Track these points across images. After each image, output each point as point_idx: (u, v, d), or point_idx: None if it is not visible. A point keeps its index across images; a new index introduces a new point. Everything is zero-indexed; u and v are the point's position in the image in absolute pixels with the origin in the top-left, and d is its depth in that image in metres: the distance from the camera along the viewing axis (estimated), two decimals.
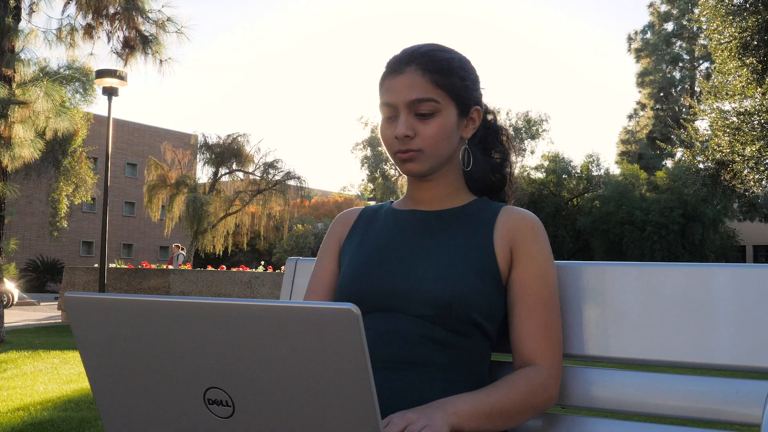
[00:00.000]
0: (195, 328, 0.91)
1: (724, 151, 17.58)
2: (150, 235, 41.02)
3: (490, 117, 1.61)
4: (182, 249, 22.19)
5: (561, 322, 1.42)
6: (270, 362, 0.88)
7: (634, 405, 1.39)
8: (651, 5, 43.04)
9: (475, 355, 1.38)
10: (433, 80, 1.43)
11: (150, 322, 0.94)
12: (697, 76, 40.58)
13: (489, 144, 1.60)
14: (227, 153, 27.11)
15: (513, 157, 1.63)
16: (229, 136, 27.20)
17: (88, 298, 0.97)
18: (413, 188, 1.57)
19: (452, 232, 1.46)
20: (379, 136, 1.53)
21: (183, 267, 16.31)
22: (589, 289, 1.49)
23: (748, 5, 15.39)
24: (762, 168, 17.53)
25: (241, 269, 16.31)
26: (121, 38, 11.14)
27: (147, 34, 11.14)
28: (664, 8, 42.53)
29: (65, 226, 20.70)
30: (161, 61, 11.51)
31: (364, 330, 0.82)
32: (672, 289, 1.41)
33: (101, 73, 13.00)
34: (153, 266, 15.83)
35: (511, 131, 1.65)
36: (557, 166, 35.24)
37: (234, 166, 27.79)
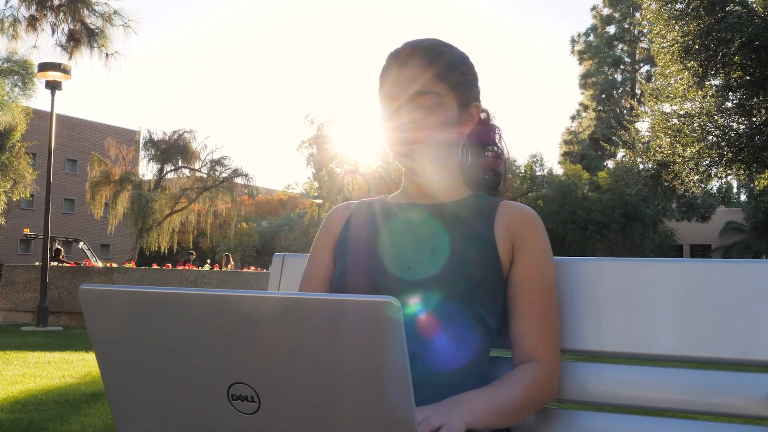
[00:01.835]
0: (220, 321, 0.88)
1: (666, 152, 17.99)
2: (91, 232, 40.17)
3: (483, 115, 1.61)
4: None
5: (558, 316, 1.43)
6: (302, 355, 0.86)
7: (629, 399, 1.41)
8: (594, 8, 43.86)
9: (478, 349, 1.38)
10: (436, 74, 1.43)
11: (171, 315, 0.91)
12: (638, 78, 41.47)
13: (484, 141, 1.60)
14: (173, 149, 26.73)
15: (506, 156, 1.63)
16: (175, 132, 26.84)
17: (104, 290, 0.93)
18: (411, 181, 1.56)
19: (454, 226, 1.46)
20: (381, 127, 1.51)
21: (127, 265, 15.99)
22: (584, 284, 1.50)
23: (689, 10, 15.75)
24: (701, 169, 17.98)
25: (187, 268, 16.08)
26: (66, 31, 10.86)
27: (93, 27, 10.90)
28: (606, 11, 43.38)
29: (2, 222, 20.14)
30: (107, 54, 11.29)
31: (403, 322, 0.81)
32: (665, 284, 1.43)
33: (44, 67, 12.66)
34: (96, 264, 15.50)
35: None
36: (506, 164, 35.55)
37: (180, 163, 27.42)
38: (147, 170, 28.29)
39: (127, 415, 1.00)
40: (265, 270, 19.13)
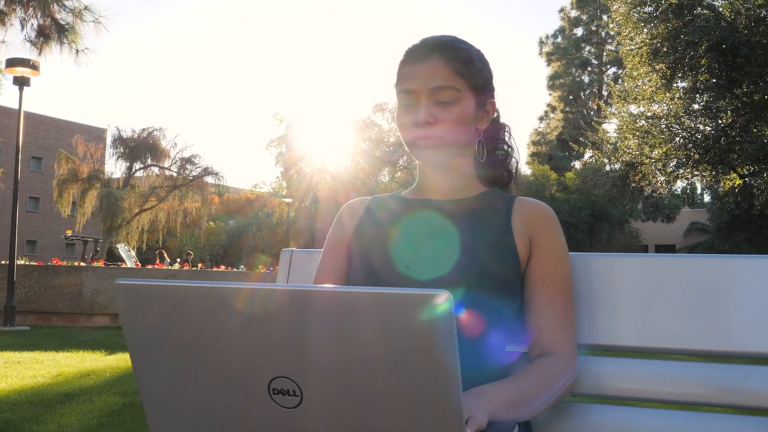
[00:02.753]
0: (262, 315, 0.87)
1: (633, 153, 18.21)
2: (56, 231, 39.59)
3: (494, 114, 1.61)
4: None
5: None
6: (347, 349, 0.85)
7: (643, 392, 1.42)
8: (562, 10, 44.24)
9: (496, 343, 1.38)
10: (455, 69, 1.43)
11: (210, 310, 0.90)
12: (605, 80, 41.96)
13: (496, 139, 1.61)
14: (142, 147, 26.42)
15: (516, 154, 1.64)
16: (144, 130, 26.56)
17: (140, 285, 0.92)
18: (427, 177, 1.56)
19: (472, 222, 1.46)
20: (398, 121, 1.51)
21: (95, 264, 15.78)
22: (598, 279, 1.52)
23: (658, 13, 15.97)
24: (669, 170, 18.24)
25: (156, 266, 15.93)
26: (35, 26, 10.68)
27: (63, 22, 10.73)
28: (574, 13, 43.78)
29: None
30: (78, 51, 11.10)
31: (455, 316, 0.81)
32: (678, 280, 1.45)
33: (13, 62, 12.41)
34: (63, 263, 15.27)
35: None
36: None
37: (149, 161, 27.12)
38: (115, 168, 27.94)
39: (161, 411, 0.99)
40: (235, 269, 19.03)
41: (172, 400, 0.98)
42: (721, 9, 15.84)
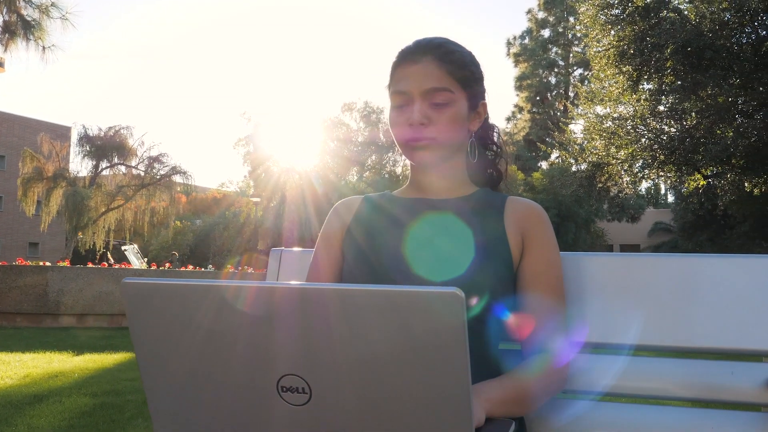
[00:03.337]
0: (270, 313, 0.88)
1: (600, 153, 18.41)
2: (18, 231, 38.94)
3: (486, 115, 1.63)
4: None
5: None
6: (357, 346, 0.86)
7: (633, 389, 1.45)
8: (529, 12, 44.60)
9: (489, 341, 1.40)
10: (449, 71, 1.45)
11: (217, 308, 0.90)
12: (572, 81, 42.35)
13: (486, 140, 1.63)
14: (109, 146, 26.09)
15: (505, 155, 1.66)
16: (110, 128, 26.20)
17: (147, 284, 0.92)
18: (419, 177, 1.57)
19: (465, 221, 1.48)
20: (389, 122, 1.52)
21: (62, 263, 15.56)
22: (588, 278, 1.54)
23: (625, 15, 16.16)
24: (635, 170, 18.47)
25: (123, 266, 15.76)
26: (1, 22, 10.50)
27: (29, 18, 10.56)
28: (541, 15, 44.14)
29: None
30: (44, 47, 10.93)
31: (466, 313, 0.82)
32: (666, 278, 1.49)
33: None
34: (28, 263, 15.04)
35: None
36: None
37: (116, 160, 26.80)
38: (81, 167, 27.52)
39: (167, 411, 0.99)
40: (203, 269, 18.89)
41: (178, 399, 0.98)
42: (686, 12, 16.07)
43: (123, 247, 20.56)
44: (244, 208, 40.33)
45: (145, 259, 20.16)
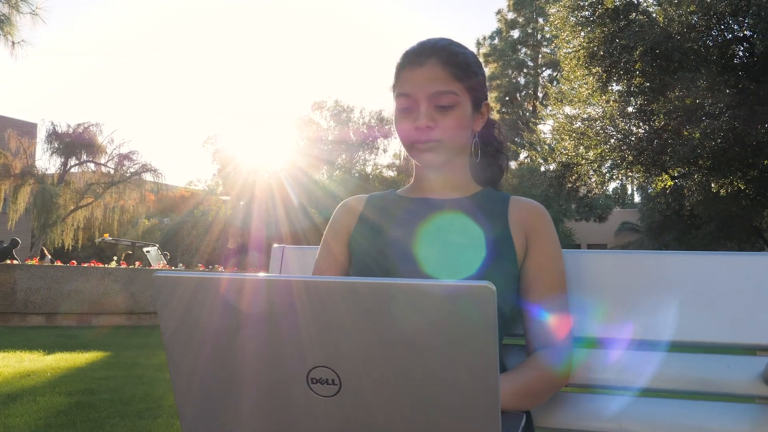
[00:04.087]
0: (302, 307, 0.89)
1: (570, 154, 18.58)
2: None
3: (488, 114, 1.66)
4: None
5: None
6: (388, 339, 0.88)
7: (632, 382, 1.50)
8: (499, 12, 44.85)
9: None
10: (453, 74, 1.48)
11: (248, 301, 0.91)
12: (541, 82, 42.67)
13: (488, 137, 1.66)
14: (78, 143, 25.76)
15: (506, 150, 1.70)
16: (79, 125, 25.89)
17: (179, 277, 0.93)
18: (424, 177, 1.60)
19: (471, 220, 1.51)
20: (396, 123, 1.54)
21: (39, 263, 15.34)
22: (588, 274, 1.58)
23: (595, 17, 16.34)
24: (604, 171, 18.68)
25: (92, 265, 15.55)
26: None
27: None
28: (511, 16, 44.40)
29: None
30: (13, 43, 10.79)
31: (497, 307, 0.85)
32: (665, 275, 1.54)
33: None
34: None
35: (503, 126, 1.72)
36: (408, 164, 35.98)
37: (85, 157, 26.46)
38: (50, 164, 27.12)
39: (194, 404, 1.00)
40: (173, 267, 18.71)
41: (206, 391, 0.99)
42: (655, 15, 16.29)
43: (145, 249, 20.42)
44: (213, 206, 40.05)
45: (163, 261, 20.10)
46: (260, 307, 0.92)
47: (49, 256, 20.54)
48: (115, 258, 18.20)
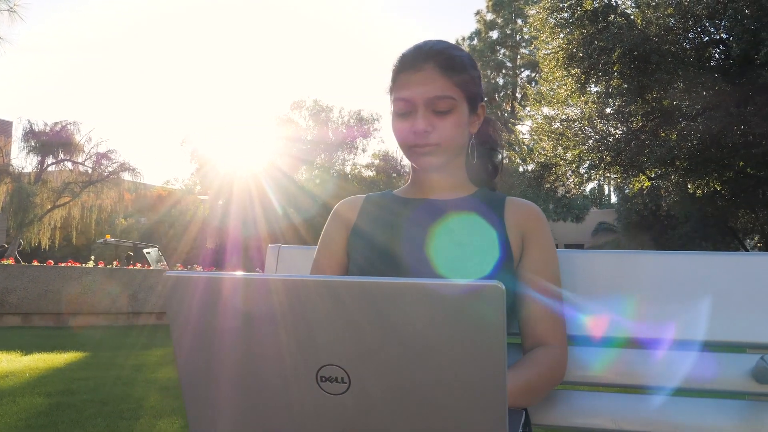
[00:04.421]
0: (312, 306, 0.90)
1: (548, 154, 18.69)
2: None
3: (484, 116, 1.68)
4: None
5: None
6: (397, 337, 0.89)
7: (624, 379, 1.52)
8: (478, 13, 44.97)
9: None
10: (450, 78, 1.49)
11: (258, 301, 0.92)
12: (519, 82, 42.87)
13: (483, 136, 1.67)
14: (55, 141, 25.51)
15: (501, 148, 1.71)
16: (57, 123, 25.62)
17: (189, 277, 0.93)
18: (422, 178, 1.61)
19: (468, 221, 1.53)
20: (393, 127, 1.55)
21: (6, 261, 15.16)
22: (580, 274, 1.61)
23: (574, 19, 16.45)
24: (582, 171, 18.81)
25: (69, 264, 15.41)
26: None
27: None
28: (490, 17, 44.53)
29: None
30: None
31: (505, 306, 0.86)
32: (655, 274, 1.56)
33: None
34: None
35: (498, 123, 1.74)
36: (387, 164, 36.08)
37: (62, 156, 26.21)
38: (26, 163, 26.80)
39: (201, 402, 1.01)
40: (151, 267, 18.60)
41: (215, 390, 1.00)
42: (633, 17, 16.43)
43: (146, 250, 20.35)
44: (191, 206, 39.83)
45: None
46: (271, 306, 0.92)
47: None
48: (116, 261, 18.16)
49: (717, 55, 16.37)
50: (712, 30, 15.91)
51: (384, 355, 0.91)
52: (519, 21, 41.90)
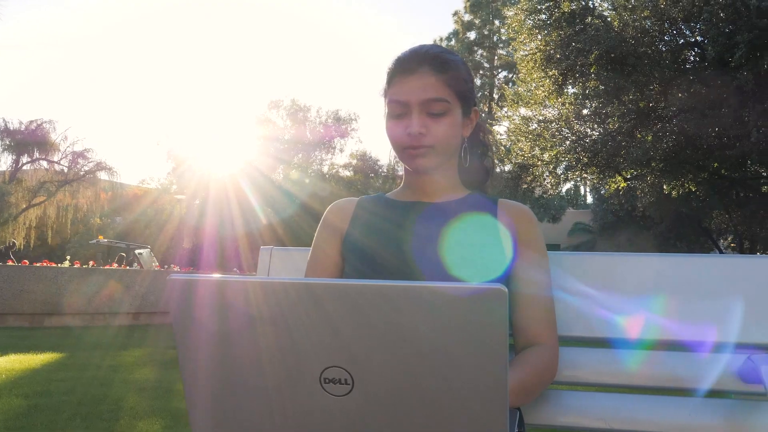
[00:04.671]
0: (316, 309, 0.91)
1: (526, 155, 18.79)
2: None
3: (477, 120, 1.69)
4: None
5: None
6: (401, 340, 0.90)
7: (614, 379, 1.55)
8: (455, 14, 45.08)
9: None
10: (445, 81, 1.51)
11: (263, 304, 0.93)
12: (496, 83, 43.04)
13: (474, 140, 1.69)
14: (30, 140, 25.23)
15: (491, 152, 1.73)
16: (32, 122, 25.32)
17: (193, 280, 0.94)
18: (415, 181, 1.63)
19: (461, 224, 1.54)
20: (388, 129, 1.56)
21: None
22: (570, 275, 1.63)
23: (552, 21, 16.55)
24: (559, 172, 18.94)
25: (44, 264, 15.26)
26: None
27: None
28: (467, 17, 44.66)
29: None
30: None
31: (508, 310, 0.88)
32: (644, 276, 1.59)
33: None
34: None
35: (489, 128, 1.76)
36: (365, 165, 36.10)
37: (37, 155, 25.92)
38: (1, 161, 26.55)
39: (203, 405, 1.01)
40: (128, 267, 18.47)
41: (217, 393, 1.00)
42: (610, 19, 16.56)
43: (137, 251, 20.25)
44: (167, 205, 39.56)
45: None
46: (274, 309, 0.93)
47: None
48: (111, 262, 18.10)
49: (692, 58, 16.55)
50: (687, 33, 16.08)
51: (387, 357, 0.92)
52: (496, 22, 42.09)
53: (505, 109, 20.37)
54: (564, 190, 39.90)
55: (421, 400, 0.93)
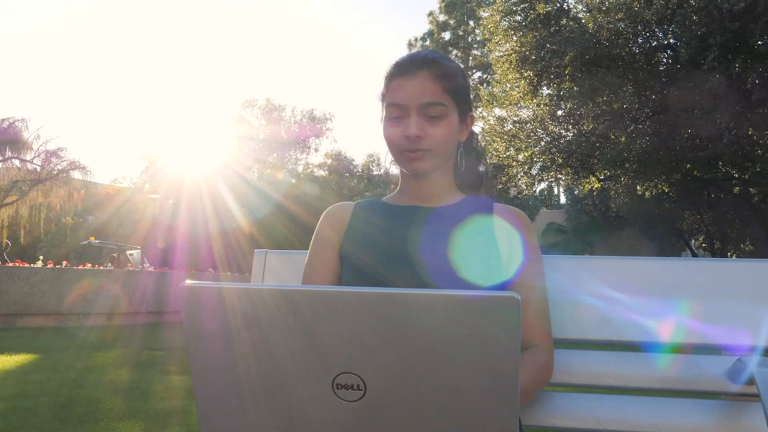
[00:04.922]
0: (330, 317, 0.92)
1: (501, 155, 18.89)
2: None
3: (472, 125, 1.72)
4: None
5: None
6: (414, 347, 0.91)
7: (607, 380, 1.58)
8: (430, 14, 45.17)
9: None
10: (443, 86, 1.53)
11: (276, 311, 0.94)
12: (471, 84, 43.11)
13: (468, 146, 1.71)
14: (2, 139, 24.89)
15: (485, 159, 1.76)
16: (4, 120, 24.97)
17: (208, 287, 0.95)
18: (412, 185, 1.64)
19: (459, 228, 1.56)
20: (385, 132, 1.58)
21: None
22: (565, 278, 1.66)
23: (527, 22, 16.65)
24: (533, 172, 19.07)
25: (17, 264, 15.07)
26: None
27: None
28: (442, 18, 44.76)
29: None
30: None
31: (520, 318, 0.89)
32: (637, 279, 1.63)
33: None
34: None
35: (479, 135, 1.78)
36: (340, 164, 36.04)
37: (9, 153, 25.57)
38: None
39: (214, 412, 1.02)
40: (101, 267, 18.29)
41: (229, 400, 1.01)
42: (585, 22, 16.70)
43: (128, 252, 20.12)
44: (140, 205, 39.21)
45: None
46: (287, 316, 0.94)
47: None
48: (104, 262, 17.96)
49: (665, 60, 16.72)
50: (660, 35, 16.25)
51: (400, 363, 0.93)
52: (471, 23, 42.23)
53: (480, 109, 20.44)
54: (538, 190, 40.15)
55: (432, 406, 0.94)
